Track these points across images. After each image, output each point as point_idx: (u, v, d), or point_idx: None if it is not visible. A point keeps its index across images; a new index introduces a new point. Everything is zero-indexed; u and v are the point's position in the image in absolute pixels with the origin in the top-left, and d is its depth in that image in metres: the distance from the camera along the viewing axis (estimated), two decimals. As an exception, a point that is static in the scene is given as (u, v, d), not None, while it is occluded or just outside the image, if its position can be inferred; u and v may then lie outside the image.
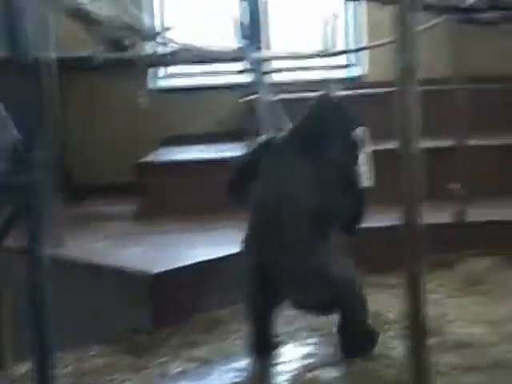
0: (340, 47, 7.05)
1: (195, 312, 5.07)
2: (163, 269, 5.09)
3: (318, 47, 6.25)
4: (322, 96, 4.92)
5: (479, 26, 5.07)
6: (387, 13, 3.56)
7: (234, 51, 6.55)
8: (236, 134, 7.22)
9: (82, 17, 5.37)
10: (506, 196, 6.47)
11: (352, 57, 8.12)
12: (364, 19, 7.87)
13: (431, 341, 3.90)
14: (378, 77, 7.31)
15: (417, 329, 3.36)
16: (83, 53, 6.50)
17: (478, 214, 6.09)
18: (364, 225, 5.21)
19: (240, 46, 6.52)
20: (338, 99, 4.95)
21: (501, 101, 7.13)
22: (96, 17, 5.34)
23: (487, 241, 5.90)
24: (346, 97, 5.66)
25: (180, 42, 5.93)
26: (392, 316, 4.98)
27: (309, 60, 6.59)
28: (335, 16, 5.79)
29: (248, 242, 4.51)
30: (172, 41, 6.13)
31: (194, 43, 5.95)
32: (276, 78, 7.25)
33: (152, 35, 5.83)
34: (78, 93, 7.62)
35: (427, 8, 4.55)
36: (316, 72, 7.77)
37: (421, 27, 3.39)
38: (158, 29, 7.03)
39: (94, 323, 4.88)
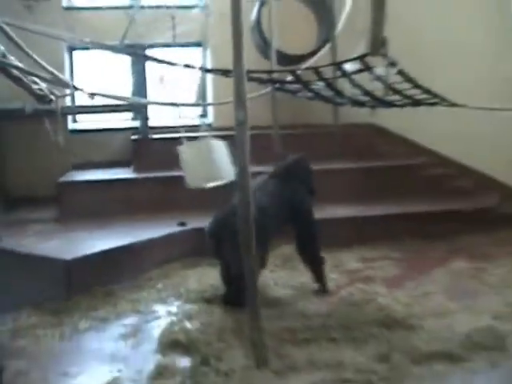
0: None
1: (96, 286, 5.01)
2: (73, 256, 5.04)
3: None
4: (299, 156, 5.32)
5: (288, 92, 5.17)
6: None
7: (126, 104, 6.51)
8: (126, 162, 7.27)
9: (7, 73, 5.17)
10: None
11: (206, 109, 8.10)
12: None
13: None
14: (221, 123, 7.37)
15: (253, 292, 3.42)
16: (17, 104, 6.40)
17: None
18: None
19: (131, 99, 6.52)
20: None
21: (302, 140, 7.27)
22: (19, 74, 5.14)
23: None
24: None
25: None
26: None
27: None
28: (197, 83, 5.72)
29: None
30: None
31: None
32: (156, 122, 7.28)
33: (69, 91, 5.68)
34: (14, 133, 7.50)
35: (253, 79, 4.62)
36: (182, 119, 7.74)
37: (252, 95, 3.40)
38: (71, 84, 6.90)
39: (25, 294, 4.77)
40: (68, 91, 5.38)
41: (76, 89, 5.04)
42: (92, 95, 4.83)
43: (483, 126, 7.06)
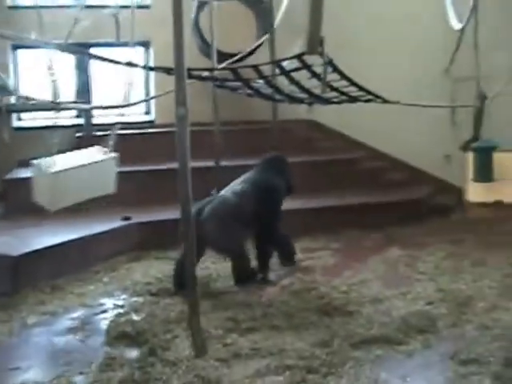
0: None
1: (44, 281, 4.92)
2: (20, 252, 4.95)
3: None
4: (277, 154, 5.54)
5: (229, 89, 5.15)
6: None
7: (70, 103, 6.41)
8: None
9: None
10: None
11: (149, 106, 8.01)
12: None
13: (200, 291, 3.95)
14: (163, 120, 7.31)
15: (192, 282, 3.40)
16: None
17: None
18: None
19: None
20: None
21: (242, 136, 7.27)
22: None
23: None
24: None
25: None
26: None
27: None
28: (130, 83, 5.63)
29: None
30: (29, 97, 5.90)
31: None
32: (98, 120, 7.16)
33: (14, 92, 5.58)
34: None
35: (194, 77, 4.59)
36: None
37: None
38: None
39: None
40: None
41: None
42: (27, 99, 4.76)
43: (417, 122, 7.19)
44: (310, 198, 6.81)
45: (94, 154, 5.47)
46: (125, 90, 5.44)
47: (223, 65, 5.60)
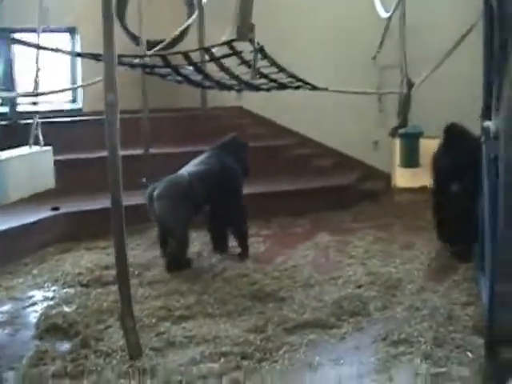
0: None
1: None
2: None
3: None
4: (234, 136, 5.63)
5: (158, 76, 5.09)
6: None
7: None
8: None
9: None
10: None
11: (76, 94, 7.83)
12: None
13: (134, 280, 3.92)
14: (91, 108, 7.17)
15: (123, 274, 3.36)
16: None
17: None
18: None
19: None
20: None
21: (171, 123, 7.21)
22: None
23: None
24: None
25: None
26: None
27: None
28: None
29: None
30: None
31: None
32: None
33: None
34: None
35: (123, 63, 4.51)
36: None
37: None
38: None
39: None
40: None
41: None
42: None
43: (345, 109, 7.26)
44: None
45: (27, 149, 5.33)
46: (34, 76, 5.25)
47: (152, 52, 5.52)
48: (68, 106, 7.66)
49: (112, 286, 4.52)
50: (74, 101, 7.79)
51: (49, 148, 5.45)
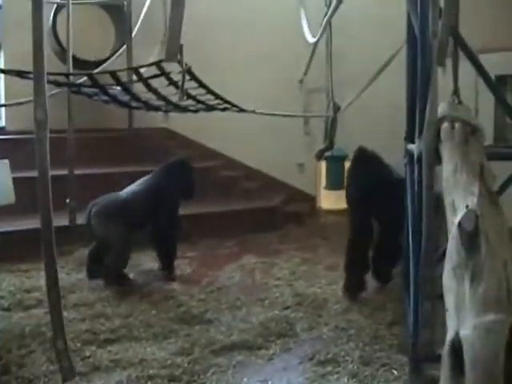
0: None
1: None
2: None
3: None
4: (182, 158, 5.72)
5: (85, 95, 5.02)
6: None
7: None
8: None
9: None
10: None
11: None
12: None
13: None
14: (15, 127, 7.02)
15: (54, 295, 3.28)
16: None
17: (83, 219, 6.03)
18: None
19: None
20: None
21: (97, 144, 7.13)
22: None
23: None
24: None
25: None
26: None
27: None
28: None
29: None
30: None
31: None
32: None
33: None
34: None
35: (50, 82, 4.44)
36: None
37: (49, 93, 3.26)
38: None
39: None
40: None
41: None
42: None
43: (272, 132, 7.33)
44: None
45: None
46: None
47: (81, 71, 5.45)
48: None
49: (34, 309, 4.44)
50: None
51: (5, 161, 5.26)
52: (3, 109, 7.44)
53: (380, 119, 6.99)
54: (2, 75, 7.23)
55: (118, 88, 4.63)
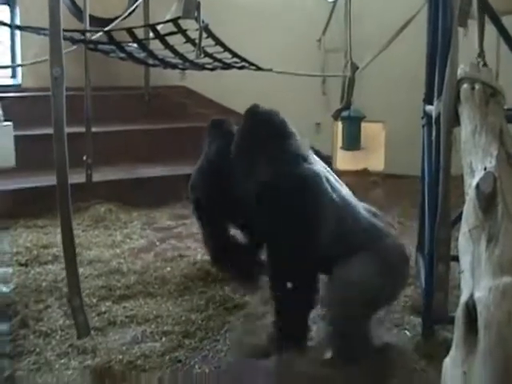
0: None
1: None
2: None
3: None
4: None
5: (101, 53, 4.99)
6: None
7: None
8: None
9: None
10: (117, 164, 6.51)
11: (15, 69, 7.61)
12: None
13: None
14: (32, 84, 7.02)
15: (69, 253, 3.30)
16: None
17: (99, 176, 6.07)
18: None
19: None
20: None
21: (113, 102, 7.12)
22: None
23: (105, 194, 5.89)
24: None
25: None
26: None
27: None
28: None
29: None
30: None
31: None
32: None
33: None
34: None
35: (66, 38, 4.42)
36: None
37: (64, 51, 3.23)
38: None
39: None
40: None
41: None
42: None
43: (289, 91, 7.26)
44: (180, 164, 6.77)
45: None
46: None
47: (97, 28, 5.41)
48: (6, 82, 7.48)
49: (51, 265, 4.47)
50: (13, 76, 7.61)
51: (9, 124, 5.28)
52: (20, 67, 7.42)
53: (398, 81, 6.89)
54: (18, 33, 7.21)
55: (135, 45, 4.61)
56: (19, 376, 3.04)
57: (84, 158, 5.82)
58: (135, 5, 5.56)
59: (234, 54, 4.56)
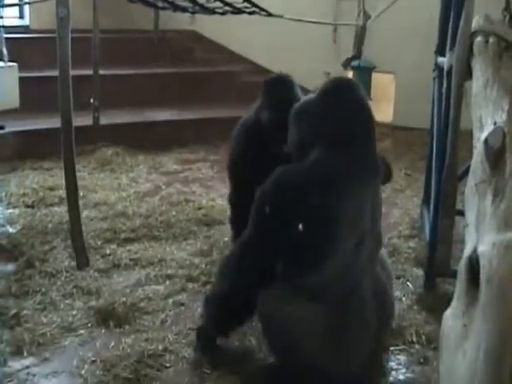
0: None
1: None
2: None
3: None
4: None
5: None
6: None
7: None
8: None
9: None
10: (124, 108, 6.49)
11: (23, 10, 7.52)
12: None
13: (80, 202, 3.85)
14: (39, 25, 6.95)
15: (72, 196, 3.30)
16: None
17: (106, 119, 6.06)
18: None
19: None
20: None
21: (122, 45, 7.06)
22: None
23: (112, 137, 5.88)
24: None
25: None
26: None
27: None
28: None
29: None
30: None
31: None
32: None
33: None
34: None
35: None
36: None
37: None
38: None
39: None
40: None
41: None
42: None
43: (299, 38, 7.16)
44: (188, 109, 6.76)
45: None
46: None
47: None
48: (15, 22, 7.39)
49: (57, 207, 4.49)
50: (21, 17, 7.52)
51: (14, 64, 5.24)
52: (27, 7, 7.33)
53: (411, 32, 6.77)
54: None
55: (145, -13, 4.55)
56: (25, 315, 3.08)
57: (91, 100, 5.79)
58: None
59: (245, -1, 4.50)
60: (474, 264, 1.73)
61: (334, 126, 2.57)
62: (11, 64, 5.23)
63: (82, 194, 4.72)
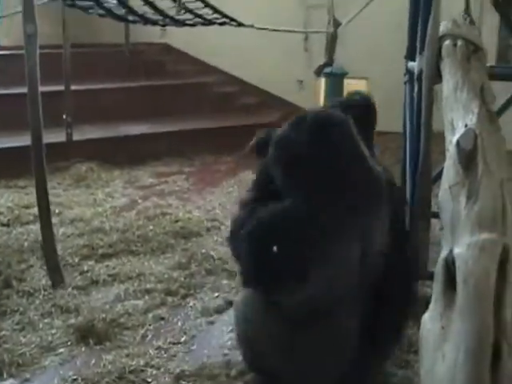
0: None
1: None
2: None
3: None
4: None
5: (80, 9, 4.91)
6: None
7: None
8: None
9: None
10: (97, 122, 6.46)
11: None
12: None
13: (54, 219, 3.83)
14: (9, 43, 6.92)
15: (44, 214, 3.28)
16: None
17: (80, 134, 6.03)
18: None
19: None
20: None
21: (93, 59, 7.04)
22: None
23: (86, 152, 5.85)
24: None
25: None
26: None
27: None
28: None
29: None
30: None
31: None
32: None
33: None
34: None
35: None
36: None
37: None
38: None
39: None
40: None
41: None
42: None
43: (271, 47, 7.19)
44: (161, 122, 6.76)
45: None
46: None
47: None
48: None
49: (32, 225, 4.44)
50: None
51: None
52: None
53: (381, 37, 6.84)
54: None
55: (114, 1, 4.54)
56: (3, 335, 3.05)
57: (64, 116, 5.77)
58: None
59: (215, 10, 4.52)
60: (450, 266, 1.74)
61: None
62: None
63: (57, 210, 4.71)
